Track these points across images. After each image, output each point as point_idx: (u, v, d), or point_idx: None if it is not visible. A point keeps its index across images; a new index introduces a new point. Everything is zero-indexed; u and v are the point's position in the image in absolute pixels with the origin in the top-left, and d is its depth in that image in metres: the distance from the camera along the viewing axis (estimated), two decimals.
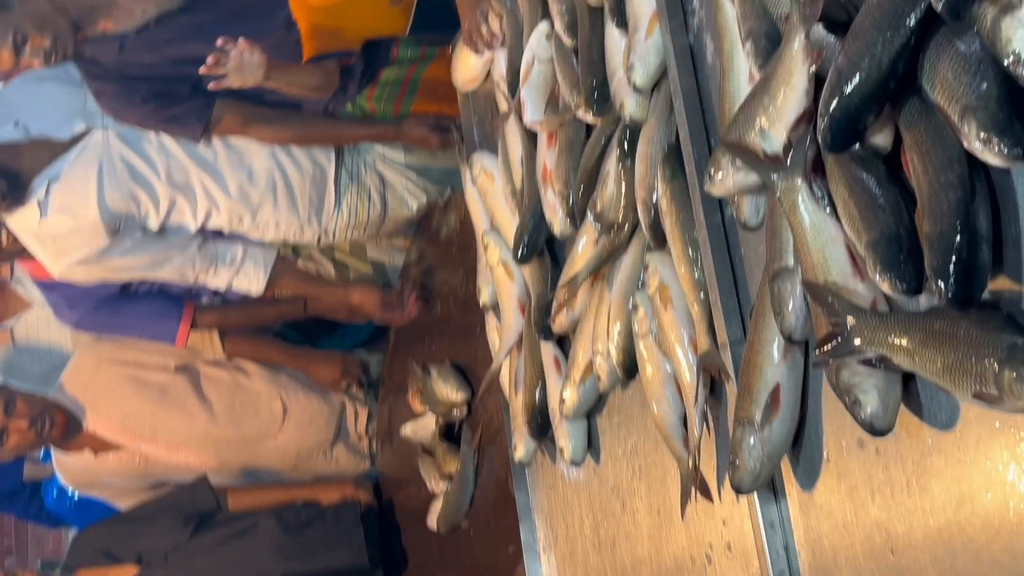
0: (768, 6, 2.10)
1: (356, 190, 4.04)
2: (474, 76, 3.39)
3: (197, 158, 3.93)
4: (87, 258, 3.90)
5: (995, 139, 1.65)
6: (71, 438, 4.38)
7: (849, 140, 1.83)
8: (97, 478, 4.58)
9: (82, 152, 3.88)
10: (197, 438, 4.43)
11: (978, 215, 1.72)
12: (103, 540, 4.29)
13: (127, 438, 4.40)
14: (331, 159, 4.03)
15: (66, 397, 4.34)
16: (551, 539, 3.07)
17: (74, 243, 3.87)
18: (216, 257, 4.05)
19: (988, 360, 1.65)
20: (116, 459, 4.46)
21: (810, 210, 1.95)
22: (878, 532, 1.98)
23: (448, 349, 3.88)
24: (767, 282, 2.09)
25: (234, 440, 4.44)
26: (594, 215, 2.66)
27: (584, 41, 2.70)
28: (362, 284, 4.27)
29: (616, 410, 2.77)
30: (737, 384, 2.19)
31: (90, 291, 4.16)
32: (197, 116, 3.82)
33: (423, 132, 3.90)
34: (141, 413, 4.38)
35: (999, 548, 1.77)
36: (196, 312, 4.32)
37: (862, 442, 1.98)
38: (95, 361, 4.40)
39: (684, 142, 2.38)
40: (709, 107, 2.35)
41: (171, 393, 4.39)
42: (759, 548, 2.21)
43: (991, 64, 1.68)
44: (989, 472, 1.78)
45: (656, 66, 2.46)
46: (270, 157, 3.97)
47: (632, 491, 2.69)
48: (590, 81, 2.65)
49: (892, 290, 1.82)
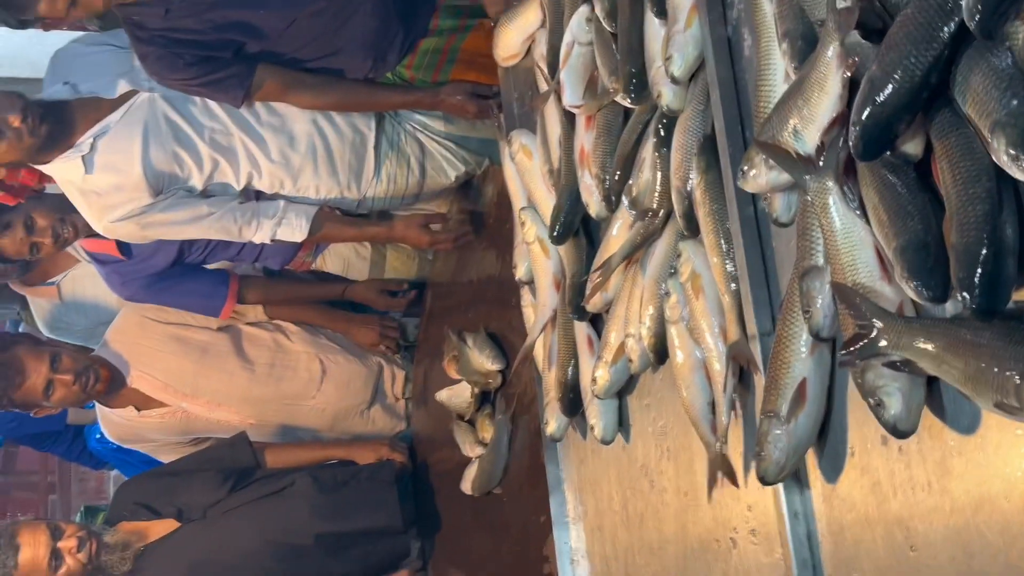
0: (805, 8, 2.10)
1: (396, 158, 4.04)
2: (515, 52, 3.37)
3: (240, 121, 3.93)
4: (130, 214, 3.90)
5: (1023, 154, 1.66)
6: (115, 393, 4.43)
7: (880, 149, 1.84)
8: (139, 433, 4.63)
9: (127, 112, 3.88)
10: (237, 396, 4.47)
11: (1005, 228, 1.72)
12: (144, 494, 4.33)
13: (169, 395, 4.44)
14: (371, 126, 4.02)
15: (110, 353, 4.39)
16: (580, 512, 3.09)
17: (118, 199, 3.88)
18: (258, 211, 4.02)
19: (1010, 372, 1.67)
20: (158, 415, 4.51)
21: (840, 212, 1.96)
22: (899, 528, 2.00)
23: (483, 318, 3.88)
24: (797, 279, 2.10)
25: (273, 399, 4.48)
26: (629, 200, 2.67)
27: (624, 28, 2.69)
28: (404, 218, 4.20)
29: (647, 392, 2.77)
30: (765, 376, 2.20)
31: (141, 267, 4.21)
32: (239, 81, 3.81)
33: (461, 99, 3.88)
34: (183, 371, 4.42)
35: (1016, 553, 1.79)
36: (241, 287, 4.36)
37: (886, 440, 1.99)
38: (139, 319, 4.44)
39: (719, 134, 2.38)
40: (745, 100, 2.35)
41: (212, 352, 4.43)
42: (782, 536, 2.23)
43: (1022, 81, 1.68)
44: (1009, 478, 1.79)
45: (694, 57, 2.45)
46: (311, 122, 3.97)
47: (660, 471, 2.70)
48: (629, 68, 2.64)
49: (918, 297, 1.83)
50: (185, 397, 4.45)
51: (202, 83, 3.82)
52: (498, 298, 3.74)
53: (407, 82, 3.92)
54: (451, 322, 4.04)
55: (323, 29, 3.75)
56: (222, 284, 4.35)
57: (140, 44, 3.79)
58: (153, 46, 3.75)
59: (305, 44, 3.79)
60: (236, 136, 3.92)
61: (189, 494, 4.23)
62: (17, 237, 4.15)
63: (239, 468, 4.30)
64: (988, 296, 1.72)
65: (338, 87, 3.90)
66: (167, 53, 3.75)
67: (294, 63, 3.85)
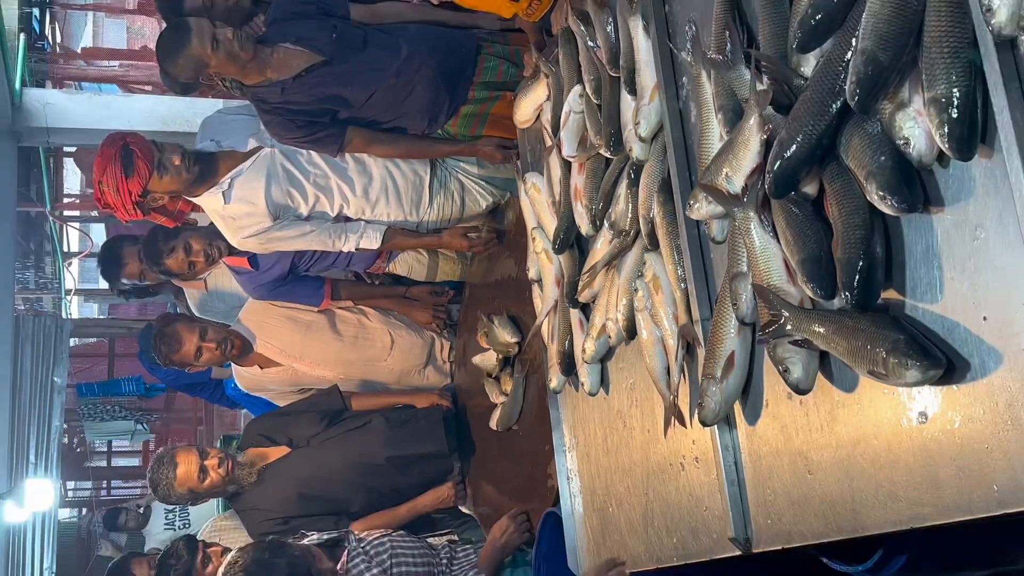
0: (734, 89, 2.11)
1: (443, 193, 4.03)
2: (528, 118, 3.38)
3: (334, 167, 3.93)
4: (256, 233, 3.92)
5: (889, 196, 1.67)
6: (245, 356, 4.44)
7: (787, 190, 1.85)
8: (262, 384, 4.65)
9: (255, 161, 3.89)
10: (331, 359, 4.47)
11: (876, 248, 1.74)
12: (264, 428, 4.36)
13: (284, 358, 4.46)
14: (427, 170, 4.01)
15: (242, 328, 4.41)
16: (574, 443, 3.10)
17: (247, 223, 3.90)
18: (346, 229, 4.02)
19: (878, 349, 1.68)
20: (276, 372, 4.52)
21: (759, 234, 1.97)
22: (800, 458, 2.01)
23: (505, 305, 3.88)
24: (728, 281, 2.11)
25: (356, 361, 4.48)
26: (609, 224, 2.68)
27: (606, 101, 2.70)
28: (449, 229, 4.15)
29: (621, 359, 2.78)
30: (704, 349, 2.21)
31: (264, 275, 4.23)
32: (334, 139, 3.82)
33: (491, 149, 3.89)
34: (293, 341, 4.42)
35: (883, 477, 1.80)
36: (333, 288, 4.38)
37: (791, 395, 2.00)
38: (263, 304, 4.45)
39: (673, 178, 2.39)
40: (692, 154, 2.35)
41: (314, 328, 4.43)
42: (717, 463, 2.24)
43: (888, 143, 1.69)
44: (878, 423, 1.80)
45: (656, 123, 2.47)
46: (384, 167, 3.97)
47: (631, 415, 2.72)
48: (609, 130, 2.66)
49: (814, 295, 1.85)
50: (294, 359, 4.47)
51: (308, 141, 3.83)
52: (516, 291, 3.75)
53: (452, 137, 3.91)
54: (483, 308, 4.05)
55: (393, 99, 3.75)
56: (320, 287, 4.36)
57: (264, 113, 3.80)
58: (273, 115, 3.77)
59: (380, 111, 3.79)
60: (332, 178, 3.93)
61: (297, 428, 4.25)
62: (179, 258, 4.19)
63: (332, 410, 4.31)
64: (864, 295, 1.74)
65: (403, 142, 3.91)
66: (283, 120, 3.76)
67: (372, 124, 3.85)
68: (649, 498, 2.62)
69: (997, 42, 1.50)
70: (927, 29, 1.59)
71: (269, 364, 4.52)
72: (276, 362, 4.50)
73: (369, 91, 3.72)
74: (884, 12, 1.62)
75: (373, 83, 3.70)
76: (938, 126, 1.56)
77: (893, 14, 1.61)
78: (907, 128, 1.64)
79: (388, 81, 3.70)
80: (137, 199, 3.82)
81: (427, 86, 3.72)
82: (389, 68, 3.69)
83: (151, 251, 4.27)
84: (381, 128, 3.86)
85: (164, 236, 4.22)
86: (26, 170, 8.53)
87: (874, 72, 1.62)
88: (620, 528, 2.78)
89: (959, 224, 1.63)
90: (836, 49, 1.76)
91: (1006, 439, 1.56)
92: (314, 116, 3.76)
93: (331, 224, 4.01)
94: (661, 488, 2.56)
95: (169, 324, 4.33)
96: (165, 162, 3.76)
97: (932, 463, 1.69)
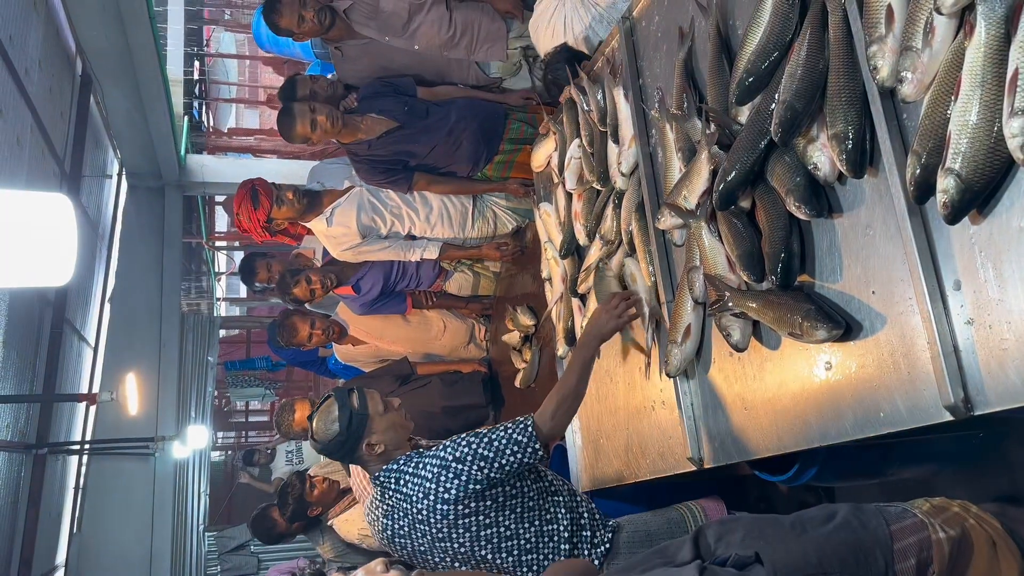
0: (689, 134, 2.09)
1: (482, 218, 4.00)
2: (542, 163, 3.35)
3: (406, 201, 3.91)
4: (350, 247, 3.91)
5: (803, 206, 1.65)
6: (343, 338, 4.42)
7: (728, 205, 1.83)
8: (354, 357, 4.62)
9: (348, 197, 3.88)
10: (402, 339, 4.43)
11: (794, 244, 1.72)
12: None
13: (369, 338, 4.43)
14: (470, 202, 3.99)
15: (340, 319, 4.40)
16: None
17: (344, 240, 3.89)
18: (414, 244, 4.00)
19: (796, 316, 1.66)
20: (363, 348, 4.50)
21: (708, 238, 1.95)
22: (739, 399, 1.99)
23: (525, 299, 3.86)
24: (686, 272, 2.09)
25: (419, 340, 4.43)
26: (600, 236, 2.66)
27: (597, 149, 2.68)
28: (486, 244, 4.06)
29: None
30: (669, 322, 2.19)
31: (362, 298, 4.17)
32: (405, 181, 3.80)
33: (516, 187, 3.86)
34: (376, 326, 4.39)
35: (799, 410, 1.77)
36: (413, 299, 4.32)
37: (732, 353, 1.97)
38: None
39: (646, 202, 2.37)
40: (660, 184, 2.33)
41: (391, 317, 4.39)
42: (679, 404, 2.22)
43: (802, 168, 1.67)
44: (795, 371, 1.78)
45: (633, 163, 2.44)
46: (440, 200, 3.95)
47: (616, 373, 2.69)
48: (599, 169, 2.64)
49: (748, 280, 1.82)
50: (377, 339, 4.44)
51: (386, 182, 3.83)
52: (533, 287, 3.73)
53: (489, 178, 3.89)
54: (509, 301, 4.03)
55: (446, 152, 3.73)
56: (404, 300, 4.28)
57: (355, 162, 3.80)
58: (362, 164, 3.77)
59: (438, 160, 3.77)
60: (403, 209, 3.92)
61: (378, 387, 4.12)
62: (303, 287, 4.11)
63: (403, 374, 4.28)
64: (785, 278, 1.72)
65: (454, 182, 3.89)
66: (369, 167, 3.76)
67: (432, 170, 3.83)
68: (629, 432, 2.59)
69: (881, 91, 1.48)
70: (830, 85, 1.57)
71: (359, 343, 4.49)
72: (364, 341, 4.47)
73: (430, 146, 3.71)
74: (798, 73, 1.60)
75: (432, 141, 3.69)
76: (838, 154, 1.55)
77: (805, 74, 1.59)
78: (816, 156, 1.62)
79: (443, 139, 3.69)
80: (264, 224, 3.85)
81: (471, 142, 3.70)
82: (443, 130, 3.69)
83: (282, 285, 4.18)
84: (438, 172, 3.84)
85: (291, 274, 4.17)
86: (189, 213, 8.64)
87: (792, 116, 1.61)
88: (608, 454, 2.75)
89: (854, 225, 1.61)
90: (763, 102, 1.74)
91: (889, 378, 1.53)
92: (391, 165, 3.75)
93: (403, 241, 3.99)
94: (638, 424, 2.53)
95: (288, 318, 4.31)
96: (282, 197, 3.78)
97: (835, 398, 1.66)
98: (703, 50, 2.07)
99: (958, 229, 1.37)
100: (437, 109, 3.70)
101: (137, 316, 6.71)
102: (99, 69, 5.29)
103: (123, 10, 4.68)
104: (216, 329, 8.78)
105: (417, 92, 3.76)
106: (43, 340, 4.94)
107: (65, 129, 5.15)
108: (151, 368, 6.56)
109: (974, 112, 1.24)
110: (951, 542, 1.69)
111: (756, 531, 1.74)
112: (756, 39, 1.73)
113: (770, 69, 1.71)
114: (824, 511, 1.75)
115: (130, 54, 5.10)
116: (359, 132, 3.65)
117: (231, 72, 13.06)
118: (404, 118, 3.66)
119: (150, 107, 5.75)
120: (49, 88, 4.72)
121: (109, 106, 5.72)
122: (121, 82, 5.40)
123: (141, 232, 6.95)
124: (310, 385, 12.15)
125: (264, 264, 4.49)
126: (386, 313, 4.31)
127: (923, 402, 1.46)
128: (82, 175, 5.46)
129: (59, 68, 4.95)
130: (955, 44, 1.32)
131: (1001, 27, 1.20)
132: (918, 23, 1.36)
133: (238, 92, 13.27)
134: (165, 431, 6.37)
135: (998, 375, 1.32)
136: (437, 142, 3.69)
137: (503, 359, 4.14)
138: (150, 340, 6.72)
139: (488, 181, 3.91)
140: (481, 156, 3.76)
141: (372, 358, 4.62)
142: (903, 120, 1.47)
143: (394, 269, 4.15)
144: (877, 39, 1.43)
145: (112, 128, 6.11)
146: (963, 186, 1.28)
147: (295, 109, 3.54)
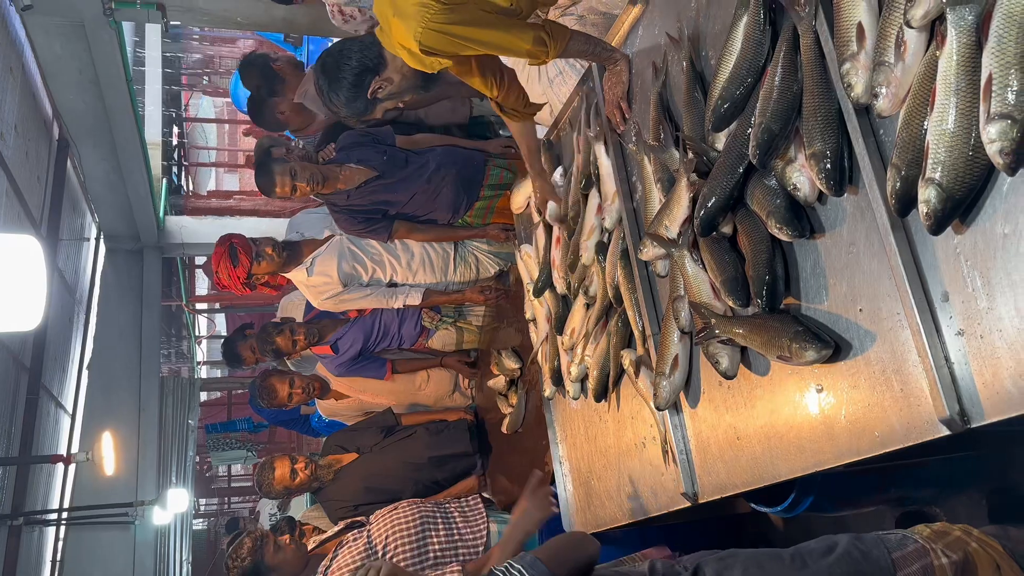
0: (667, 165, 2.09)
1: (464, 264, 3.98)
2: (521, 205, 3.36)
3: (387, 249, 3.89)
4: (331, 296, 3.86)
5: (785, 228, 1.64)
6: (325, 393, 4.34)
7: (710, 231, 1.81)
8: (337, 411, 4.53)
9: (328, 246, 3.86)
10: (386, 392, 4.33)
11: (777, 268, 1.70)
12: (338, 440, 4.21)
13: (352, 392, 4.36)
14: (452, 248, 3.97)
15: (321, 374, 4.32)
16: (563, 436, 3.01)
17: (325, 289, 3.84)
18: (396, 291, 3.94)
19: (784, 339, 1.63)
20: (347, 402, 4.41)
21: (691, 265, 1.93)
22: (730, 429, 1.94)
23: (509, 340, 3.80)
24: (670, 302, 2.06)
25: (403, 392, 4.33)
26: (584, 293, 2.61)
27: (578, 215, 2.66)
28: (470, 288, 3.99)
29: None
30: (656, 355, 2.15)
31: (341, 357, 4.10)
32: (385, 229, 3.78)
33: (496, 232, 3.86)
34: (358, 382, 4.29)
35: (792, 435, 1.73)
36: (393, 365, 4.24)
37: (721, 382, 1.93)
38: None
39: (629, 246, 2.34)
40: (641, 223, 2.30)
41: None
42: (669, 438, 2.17)
43: (781, 190, 1.66)
44: (787, 398, 1.74)
45: (616, 219, 2.43)
46: (422, 247, 3.92)
47: (604, 414, 2.64)
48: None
49: (734, 305, 1.80)
50: (360, 393, 4.35)
51: (366, 232, 3.80)
52: (517, 329, 3.68)
53: (469, 224, 3.87)
54: (493, 345, 3.97)
55: (426, 200, 3.72)
56: (383, 366, 4.20)
57: (334, 212, 3.78)
58: (341, 214, 3.74)
59: (417, 208, 3.75)
60: (384, 256, 3.89)
61: (363, 439, 4.13)
62: (286, 337, 4.06)
63: (388, 426, 4.19)
64: (770, 301, 1.70)
65: (434, 229, 3.87)
66: (348, 217, 3.73)
67: (412, 218, 3.81)
68: (620, 471, 2.53)
69: (856, 108, 1.48)
70: (805, 104, 1.57)
71: (341, 397, 4.41)
72: (346, 395, 4.39)
73: (409, 194, 3.69)
74: (774, 95, 1.60)
75: (412, 189, 3.68)
76: (817, 173, 1.54)
77: (780, 95, 1.59)
78: (795, 177, 1.61)
79: (422, 187, 3.68)
80: (244, 280, 3.81)
81: (450, 189, 3.69)
82: (423, 178, 3.68)
83: (264, 335, 4.12)
84: (419, 220, 3.83)
85: (274, 327, 4.11)
86: (168, 277, 8.57)
87: (769, 138, 1.60)
88: (600, 495, 2.68)
89: (837, 243, 1.59)
90: (739, 128, 1.75)
91: (882, 397, 1.50)
92: (370, 214, 3.73)
93: (385, 288, 3.95)
94: (629, 462, 2.47)
95: (266, 379, 4.23)
96: (261, 252, 3.75)
97: (828, 421, 1.62)
98: (677, 84, 2.08)
99: (942, 240, 1.36)
100: (416, 157, 3.70)
101: (116, 379, 6.57)
102: (76, 132, 5.28)
103: (100, 73, 4.69)
104: (197, 392, 8.62)
105: (396, 141, 3.77)
106: (19, 406, 4.82)
107: (42, 193, 5.10)
108: (130, 431, 6.40)
109: (951, 121, 1.24)
110: (954, 567, 1.64)
111: (755, 566, 1.69)
112: (729, 67, 1.73)
113: (745, 95, 1.71)
114: (824, 543, 1.70)
115: (107, 117, 5.10)
116: (338, 183, 3.64)
117: (210, 136, 13.12)
118: (383, 167, 3.66)
119: (128, 170, 5.73)
120: (25, 152, 4.70)
121: (86, 169, 5.70)
122: (99, 145, 5.39)
123: (120, 295, 6.87)
124: (293, 446, 11.94)
125: (247, 347, 4.37)
126: (365, 376, 4.24)
127: (918, 418, 1.42)
128: (59, 239, 5.40)
129: (35, 132, 4.93)
130: (927, 56, 1.33)
131: (972, 35, 1.21)
132: (889, 38, 1.37)
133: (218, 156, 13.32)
134: (145, 496, 6.19)
135: (993, 385, 1.29)
136: (416, 190, 3.68)
137: (489, 406, 4.07)
138: (129, 403, 6.58)
139: (469, 227, 3.89)
140: (461, 203, 3.75)
141: (356, 411, 4.52)
142: (880, 135, 1.47)
143: (375, 329, 4.08)
144: (849, 56, 1.44)
145: (89, 191, 6.07)
146: (944, 195, 1.27)
147: (274, 168, 3.52)
